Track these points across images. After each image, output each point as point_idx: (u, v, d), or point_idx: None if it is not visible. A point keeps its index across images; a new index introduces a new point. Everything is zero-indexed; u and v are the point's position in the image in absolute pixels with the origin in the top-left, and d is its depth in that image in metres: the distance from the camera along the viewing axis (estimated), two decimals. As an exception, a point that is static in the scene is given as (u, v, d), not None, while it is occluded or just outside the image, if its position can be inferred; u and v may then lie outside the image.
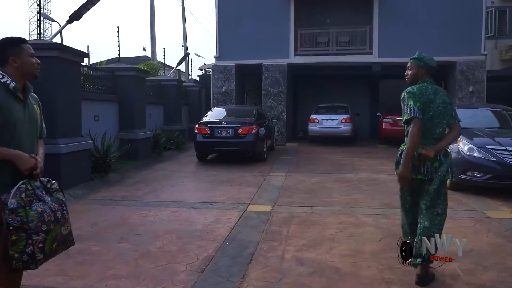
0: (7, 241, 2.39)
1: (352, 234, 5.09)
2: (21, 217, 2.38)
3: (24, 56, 2.58)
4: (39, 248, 2.44)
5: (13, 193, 2.39)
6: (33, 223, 2.40)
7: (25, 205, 2.41)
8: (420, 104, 3.56)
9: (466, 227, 5.34)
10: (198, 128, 11.18)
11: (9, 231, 2.38)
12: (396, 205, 6.52)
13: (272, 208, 6.42)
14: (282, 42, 16.38)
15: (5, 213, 2.37)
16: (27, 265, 2.44)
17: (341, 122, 15.53)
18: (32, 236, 2.40)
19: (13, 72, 2.53)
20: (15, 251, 2.39)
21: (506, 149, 6.92)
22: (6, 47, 2.56)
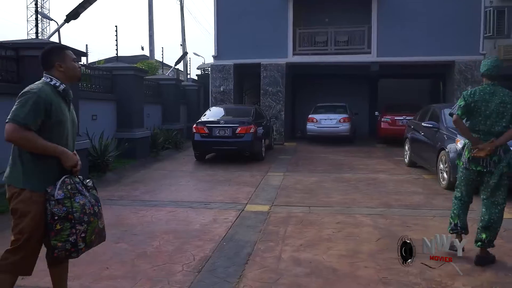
0: (51, 231, 2.61)
1: (349, 234, 5.08)
2: (67, 207, 2.61)
3: (68, 61, 2.84)
4: (81, 237, 2.66)
5: (59, 185, 2.63)
6: (77, 214, 2.63)
7: (70, 196, 2.64)
8: (467, 102, 4.07)
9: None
10: (196, 128, 11.15)
11: (54, 221, 2.60)
12: (394, 205, 6.57)
13: (270, 208, 6.40)
14: (281, 41, 16.35)
15: (50, 204, 2.60)
16: (69, 253, 2.67)
17: (340, 121, 15.51)
18: (76, 225, 2.63)
19: (59, 76, 2.80)
20: (58, 240, 2.62)
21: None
22: (52, 54, 2.82)
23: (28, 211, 2.60)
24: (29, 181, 2.62)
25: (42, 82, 2.73)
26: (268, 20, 16.36)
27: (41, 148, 2.60)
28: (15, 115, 2.54)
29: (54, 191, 2.62)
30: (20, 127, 2.53)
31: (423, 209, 6.28)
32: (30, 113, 2.55)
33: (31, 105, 2.56)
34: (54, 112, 2.65)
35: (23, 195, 2.61)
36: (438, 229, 5.26)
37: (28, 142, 2.57)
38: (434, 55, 15.35)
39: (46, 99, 2.62)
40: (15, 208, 2.64)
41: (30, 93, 2.60)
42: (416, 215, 5.97)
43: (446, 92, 16.71)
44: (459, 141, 7.44)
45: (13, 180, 2.65)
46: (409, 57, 15.48)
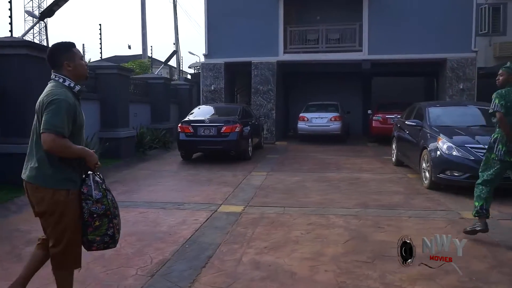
0: (88, 227, 2.76)
1: (318, 235, 4.94)
2: (105, 205, 2.78)
3: (76, 60, 2.84)
4: (117, 229, 2.88)
5: (94, 186, 2.77)
6: (112, 209, 2.82)
7: (105, 195, 2.81)
8: (504, 102, 4.59)
9: (438, 229, 5.18)
10: (181, 127, 11.02)
11: (93, 218, 2.75)
12: (371, 205, 6.42)
13: (244, 208, 6.26)
14: (271, 39, 16.21)
15: (87, 204, 2.73)
16: (107, 245, 2.87)
17: (331, 120, 15.36)
18: (112, 220, 2.82)
19: (68, 75, 2.80)
20: (96, 235, 2.79)
21: (485, 148, 6.71)
22: (60, 52, 2.81)
23: (66, 210, 2.71)
24: (62, 182, 2.71)
25: (59, 84, 2.76)
26: (259, 19, 16.22)
27: (76, 153, 2.72)
28: (52, 125, 2.59)
29: (91, 191, 2.75)
30: (58, 136, 2.60)
31: (400, 210, 6.13)
32: (64, 121, 2.63)
33: (64, 113, 2.63)
34: (78, 117, 2.76)
35: (59, 196, 2.69)
36: (411, 230, 5.14)
37: (66, 149, 2.66)
38: (425, 53, 15.19)
39: (73, 105, 2.71)
40: (50, 210, 2.72)
41: (59, 100, 2.64)
42: (391, 215, 5.83)
43: (439, 90, 16.53)
44: (440, 139, 7.32)
45: (43, 180, 2.70)
46: (400, 55, 15.33)
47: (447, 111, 8.82)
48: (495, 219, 5.60)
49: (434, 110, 8.66)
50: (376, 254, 4.30)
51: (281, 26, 16.18)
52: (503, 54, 21.33)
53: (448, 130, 7.61)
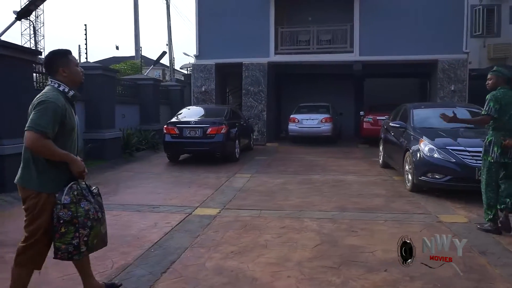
0: (56, 233, 2.80)
1: (288, 240, 4.83)
2: (72, 212, 2.78)
3: (72, 66, 2.96)
4: (83, 241, 2.84)
5: (66, 191, 2.79)
6: (81, 218, 2.81)
7: (76, 202, 2.81)
8: (499, 105, 4.82)
9: (412, 233, 5.06)
10: (166, 128, 10.93)
11: (60, 224, 2.78)
12: (349, 208, 6.32)
13: (219, 211, 6.16)
14: (262, 40, 16.12)
15: (56, 208, 2.78)
16: (71, 256, 2.85)
17: (321, 121, 15.26)
18: (79, 229, 2.80)
19: (63, 80, 2.91)
20: (62, 243, 2.80)
21: (466, 150, 6.64)
22: (56, 59, 2.94)
23: (43, 212, 2.79)
24: (46, 185, 2.80)
25: (53, 89, 2.87)
26: (250, 19, 16.14)
27: (57, 155, 2.76)
28: (36, 123, 2.67)
29: (61, 196, 2.79)
30: (41, 135, 2.66)
31: (378, 213, 6.03)
32: (49, 122, 2.69)
33: (50, 114, 2.71)
34: (68, 120, 2.82)
35: (40, 198, 2.78)
36: (385, 234, 5.04)
37: (47, 150, 2.72)
38: (417, 54, 15.09)
39: (62, 108, 2.78)
40: (31, 208, 2.81)
41: (47, 102, 2.73)
42: (368, 219, 5.73)
43: (431, 91, 16.43)
44: (422, 141, 7.21)
45: (28, 183, 2.81)
46: (391, 56, 15.23)
47: (432, 112, 8.70)
48: (473, 222, 5.51)
49: (418, 112, 8.57)
50: (344, 259, 4.20)
51: (272, 27, 16.09)
52: (497, 55, 21.29)
53: (431, 132, 7.51)
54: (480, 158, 6.45)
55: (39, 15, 47.04)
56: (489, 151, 4.97)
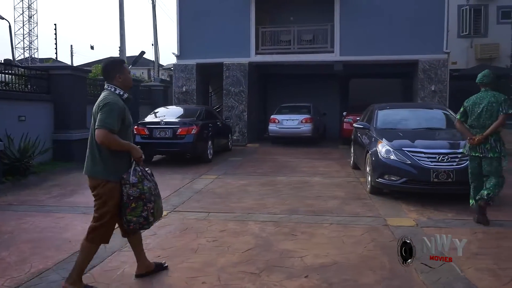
0: (127, 208, 3.34)
1: (222, 244, 4.71)
2: (139, 189, 3.35)
3: (125, 73, 3.50)
4: (151, 213, 3.42)
5: (132, 172, 3.35)
6: (146, 194, 3.37)
7: (141, 181, 3.37)
8: (464, 107, 5.65)
9: (351, 236, 4.97)
10: (136, 129, 10.78)
11: (130, 200, 3.33)
12: (300, 210, 6.21)
13: (167, 214, 6.02)
14: (243, 40, 16.01)
15: (126, 187, 3.32)
16: (142, 226, 3.45)
17: (302, 122, 15.11)
18: (146, 203, 3.37)
19: (118, 85, 3.44)
20: (133, 216, 3.36)
21: (422, 152, 6.52)
22: (114, 67, 3.48)
23: (111, 197, 3.33)
24: (112, 174, 3.32)
25: (111, 92, 3.38)
26: (231, 19, 16.04)
27: (122, 146, 3.31)
28: (104, 122, 3.18)
29: (129, 177, 3.32)
30: (109, 131, 3.19)
31: (327, 216, 5.91)
32: (114, 120, 3.23)
33: (114, 113, 3.23)
34: (126, 118, 3.37)
35: (108, 186, 3.31)
36: (323, 238, 4.93)
37: (115, 143, 3.25)
38: (397, 54, 14.97)
39: (122, 107, 3.32)
40: (100, 195, 3.34)
41: (111, 103, 3.25)
42: (313, 222, 5.61)
43: (412, 91, 16.31)
44: (381, 142, 7.09)
45: (97, 173, 3.33)
46: (372, 56, 15.12)
47: (397, 113, 8.61)
48: (420, 226, 5.40)
49: (383, 113, 8.45)
50: (269, 264, 4.08)
51: (253, 27, 15.98)
52: (484, 55, 21.18)
53: (392, 133, 7.40)
54: (435, 160, 6.40)
55: (33, 15, 47.11)
56: (464, 146, 5.81)
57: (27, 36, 45.15)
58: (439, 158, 6.40)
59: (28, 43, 44.93)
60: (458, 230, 5.16)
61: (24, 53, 44.24)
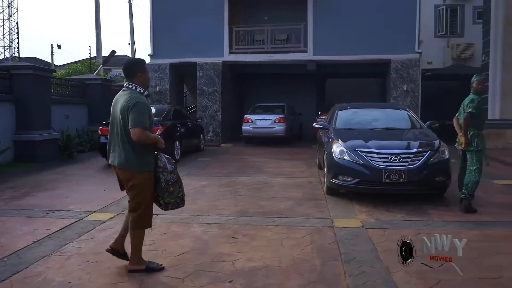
0: (165, 192, 3.74)
1: (158, 247, 4.62)
2: (176, 175, 3.79)
3: (146, 73, 3.84)
4: (183, 193, 3.90)
5: (167, 161, 3.77)
6: (180, 178, 3.84)
7: (176, 167, 3.84)
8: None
9: (293, 239, 4.90)
10: (101, 129, 10.64)
11: (168, 185, 3.73)
12: (251, 212, 6.14)
13: (113, 217, 5.92)
14: (217, 40, 15.92)
15: (164, 175, 3.71)
16: (179, 205, 3.93)
17: (275, 122, 15.07)
18: (181, 186, 3.86)
19: (138, 83, 3.74)
20: (171, 198, 3.79)
21: (375, 152, 6.49)
22: (138, 65, 3.82)
23: (146, 186, 3.68)
24: (145, 166, 3.65)
25: (133, 91, 3.69)
26: (204, 19, 15.92)
27: (153, 139, 3.69)
28: (138, 121, 3.54)
29: (166, 165, 3.70)
30: (143, 129, 3.56)
31: (275, 217, 5.84)
32: (146, 118, 3.60)
33: (144, 112, 3.60)
34: (151, 114, 3.71)
35: (142, 177, 3.64)
36: (263, 240, 4.86)
37: (148, 138, 3.63)
38: (370, 54, 14.99)
39: (148, 105, 3.70)
40: (135, 185, 3.68)
41: (140, 103, 3.59)
42: (259, 224, 5.54)
43: (385, 91, 16.36)
44: (336, 143, 7.04)
45: (131, 166, 3.64)
46: (345, 56, 15.13)
47: (357, 113, 8.58)
48: (365, 227, 5.35)
49: (342, 113, 8.42)
50: (198, 269, 4.00)
51: (226, 26, 15.89)
52: (460, 55, 21.22)
53: (347, 134, 7.36)
54: (388, 160, 6.37)
55: (13, 14, 46.43)
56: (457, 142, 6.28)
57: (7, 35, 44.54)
58: (391, 158, 6.37)
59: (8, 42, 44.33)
60: (401, 232, 5.11)
61: (5, 53, 43.58)
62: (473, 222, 5.58)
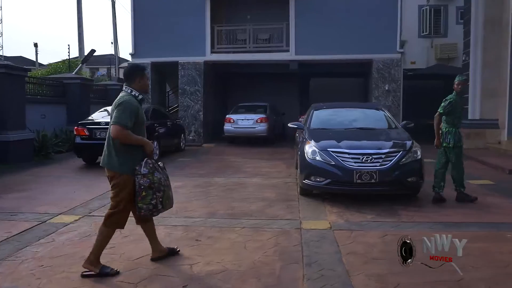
0: (138, 197, 3.68)
1: (117, 251, 4.48)
2: (149, 180, 3.68)
3: (144, 79, 3.90)
4: (159, 201, 3.76)
5: (144, 164, 3.70)
6: (156, 184, 3.72)
7: (152, 172, 3.72)
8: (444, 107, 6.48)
9: (257, 241, 4.81)
10: (76, 129, 10.46)
11: (141, 189, 3.66)
12: (220, 214, 6.04)
13: (77, 219, 5.78)
14: (199, 39, 15.78)
15: (137, 178, 3.67)
16: (152, 213, 3.80)
17: (257, 122, 14.97)
18: (156, 192, 3.72)
19: (136, 88, 3.83)
20: (143, 203, 3.70)
21: (346, 152, 6.42)
22: (137, 71, 3.89)
23: (125, 187, 3.71)
24: (125, 167, 3.69)
25: (127, 94, 3.79)
26: (186, 18, 15.77)
27: (135, 140, 3.70)
28: (118, 119, 3.59)
29: (140, 168, 3.67)
30: (123, 127, 3.59)
31: (243, 219, 5.75)
32: (128, 117, 3.61)
33: (128, 111, 3.63)
34: (139, 116, 3.75)
35: (122, 177, 3.70)
36: (227, 243, 4.76)
37: (128, 138, 3.64)
38: (352, 53, 14.96)
39: (135, 106, 3.71)
40: (116, 185, 3.74)
41: (124, 103, 3.66)
42: (226, 225, 5.44)
43: (367, 90, 16.35)
44: (309, 143, 6.97)
45: (112, 166, 3.72)
46: (327, 56, 15.08)
47: (333, 113, 8.52)
48: (333, 229, 5.27)
49: (318, 113, 8.35)
50: (154, 273, 3.91)
51: (208, 25, 15.76)
52: (443, 55, 21.31)
53: (321, 134, 7.29)
54: (359, 160, 6.31)
55: (-4, 12, 45.88)
56: None
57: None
58: (362, 158, 6.31)
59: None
60: (368, 233, 5.06)
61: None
62: (443, 223, 5.53)
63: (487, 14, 13.57)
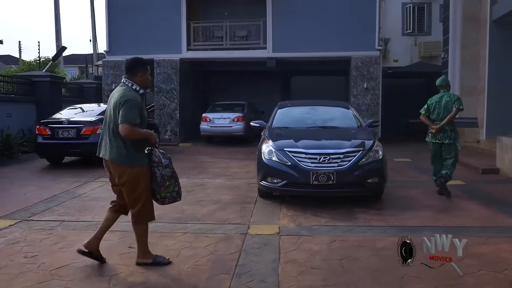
0: (161, 187, 3.73)
1: (39, 260, 4.16)
2: (171, 169, 3.78)
3: (147, 74, 3.92)
4: (179, 187, 3.90)
5: (162, 155, 3.75)
6: (175, 173, 3.84)
7: (171, 162, 3.82)
8: (428, 105, 6.80)
9: (194, 248, 4.50)
10: (38, 129, 10.09)
11: (164, 180, 3.72)
12: (167, 218, 5.66)
13: (14, 224, 5.44)
14: (174, 36, 15.44)
15: (159, 169, 3.69)
16: (175, 200, 3.90)
17: (233, 120, 14.65)
18: (177, 180, 3.86)
19: (137, 82, 3.81)
20: (167, 192, 3.78)
21: (302, 152, 6.10)
22: (140, 65, 3.89)
23: (139, 180, 3.67)
24: (137, 160, 3.65)
25: (129, 88, 3.75)
26: (162, 14, 15.42)
27: (143, 135, 3.68)
28: (128, 117, 3.55)
29: (160, 159, 3.69)
30: (132, 126, 3.55)
31: (189, 223, 5.44)
32: (136, 114, 3.60)
33: (136, 109, 3.61)
34: (143, 111, 3.75)
35: (134, 171, 3.64)
36: (160, 251, 4.39)
37: (137, 134, 3.62)
38: (330, 51, 14.66)
39: (140, 103, 3.73)
40: (128, 182, 3.68)
41: (131, 100, 3.62)
42: (168, 231, 5.11)
43: (345, 89, 16.08)
44: (267, 142, 6.65)
45: (122, 160, 3.65)
46: (305, 53, 14.79)
47: (297, 111, 8.22)
48: (280, 234, 4.96)
49: (281, 111, 8.07)
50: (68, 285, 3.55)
51: (184, 22, 15.40)
52: (427, 53, 21.11)
53: (281, 133, 6.98)
54: (316, 161, 6.00)
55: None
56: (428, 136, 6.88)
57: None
58: (319, 159, 6.00)
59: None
60: (315, 239, 4.76)
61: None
62: (398, 227, 5.22)
63: (466, 11, 13.30)
